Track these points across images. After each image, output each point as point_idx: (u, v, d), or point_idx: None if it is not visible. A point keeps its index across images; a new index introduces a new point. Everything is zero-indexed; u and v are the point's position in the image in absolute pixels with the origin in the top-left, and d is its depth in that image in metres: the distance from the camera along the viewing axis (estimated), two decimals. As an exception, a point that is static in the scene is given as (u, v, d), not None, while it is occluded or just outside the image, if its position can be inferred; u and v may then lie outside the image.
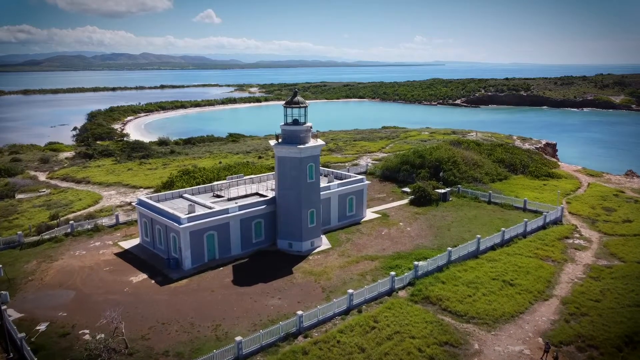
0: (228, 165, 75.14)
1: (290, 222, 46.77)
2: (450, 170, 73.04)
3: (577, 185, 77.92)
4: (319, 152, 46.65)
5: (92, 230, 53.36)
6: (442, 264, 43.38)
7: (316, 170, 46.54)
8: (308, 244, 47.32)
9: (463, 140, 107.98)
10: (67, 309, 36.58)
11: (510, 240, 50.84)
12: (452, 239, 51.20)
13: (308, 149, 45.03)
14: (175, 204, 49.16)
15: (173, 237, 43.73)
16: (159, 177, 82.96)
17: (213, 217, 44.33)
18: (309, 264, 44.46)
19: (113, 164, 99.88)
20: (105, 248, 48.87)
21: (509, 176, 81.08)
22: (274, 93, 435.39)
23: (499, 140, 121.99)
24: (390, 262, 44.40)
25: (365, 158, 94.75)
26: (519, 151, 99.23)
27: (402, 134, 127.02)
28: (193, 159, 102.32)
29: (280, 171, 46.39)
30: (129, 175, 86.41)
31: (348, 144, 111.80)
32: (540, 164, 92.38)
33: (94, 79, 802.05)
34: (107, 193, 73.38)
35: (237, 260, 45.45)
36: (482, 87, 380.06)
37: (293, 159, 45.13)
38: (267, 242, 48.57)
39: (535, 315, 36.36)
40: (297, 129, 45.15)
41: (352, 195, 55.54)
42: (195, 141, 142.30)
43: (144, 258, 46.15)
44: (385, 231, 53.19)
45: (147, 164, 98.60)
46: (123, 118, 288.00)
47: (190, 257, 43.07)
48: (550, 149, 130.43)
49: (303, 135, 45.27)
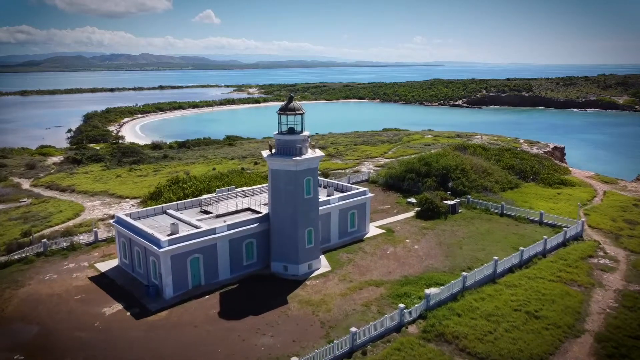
0: (220, 174, 70.16)
1: (285, 242, 41.81)
2: (459, 179, 68.07)
3: (592, 194, 73.03)
4: (317, 164, 41.72)
5: (67, 249, 48.37)
6: (456, 291, 38.44)
7: (314, 184, 41.61)
8: (305, 266, 42.35)
9: (469, 144, 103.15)
10: (25, 350, 31.61)
11: (529, 260, 45.93)
12: (465, 259, 46.28)
13: (305, 161, 40.07)
14: (158, 221, 44.21)
15: (153, 262, 38.81)
16: (149, 185, 78.12)
17: (198, 239, 39.36)
18: (306, 291, 39.50)
19: (102, 170, 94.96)
20: (80, 271, 43.89)
21: (520, 184, 76.13)
22: (273, 94, 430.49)
23: (506, 144, 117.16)
24: (398, 289, 39.45)
25: (367, 164, 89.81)
26: (528, 156, 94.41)
27: (405, 138, 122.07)
28: (186, 165, 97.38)
29: (274, 186, 41.45)
30: (116, 183, 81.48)
31: (349, 148, 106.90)
32: (552, 170, 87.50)
33: (93, 79, 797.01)
34: (90, 204, 68.40)
35: (226, 286, 40.47)
36: (484, 87, 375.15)
37: (288, 172, 40.17)
38: (260, 264, 43.61)
39: (568, 356, 31.41)
40: (293, 139, 40.21)
41: (354, 209, 50.56)
42: (190, 145, 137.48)
43: (122, 283, 41.20)
44: (391, 250, 48.24)
45: (137, 170, 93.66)
46: (119, 120, 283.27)
47: (171, 284, 38.12)
48: (559, 153, 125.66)
49: (299, 146, 40.31)
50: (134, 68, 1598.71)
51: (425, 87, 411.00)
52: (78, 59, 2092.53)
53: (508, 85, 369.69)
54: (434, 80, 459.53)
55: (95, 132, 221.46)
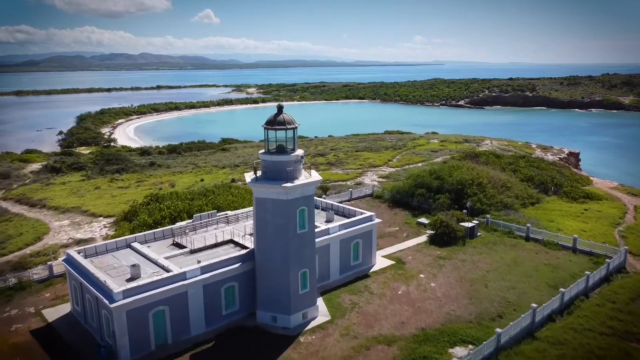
0: (205, 190, 61.95)
1: (274, 287, 33.75)
2: (476, 195, 59.97)
3: (622, 210, 65.09)
4: (313, 191, 33.65)
5: (14, 288, 40.33)
6: (489, 353, 30.48)
7: (310, 215, 33.55)
8: (299, 317, 34.28)
9: (480, 151, 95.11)
10: None
11: (570, 303, 37.98)
12: (493, 301, 38.26)
13: (298, 187, 32.03)
14: (119, 259, 36.14)
15: (105, 316, 30.78)
16: (128, 199, 70.26)
17: (163, 287, 31.30)
18: (299, 353, 31.46)
19: (81, 181, 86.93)
20: (22, 320, 35.81)
21: (542, 199, 68.02)
22: (272, 94, 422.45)
23: (518, 150, 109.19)
24: (415, 349, 31.41)
25: (370, 174, 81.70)
26: (545, 165, 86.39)
27: (409, 143, 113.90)
28: (172, 175, 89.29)
29: (259, 217, 33.38)
30: (93, 197, 73.42)
31: (350, 155, 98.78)
32: (573, 181, 79.58)
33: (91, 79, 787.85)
34: (58, 224, 60.33)
35: (199, 344, 32.37)
36: (486, 87, 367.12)
37: (277, 201, 32.12)
38: (243, 311, 35.51)
39: None
40: (283, 160, 32.15)
41: (359, 238, 42.49)
42: (181, 150, 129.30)
43: (70, 339, 33.11)
44: (403, 289, 40.19)
45: (118, 181, 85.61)
46: (114, 121, 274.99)
47: (128, 346, 30.09)
48: (574, 159, 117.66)
49: (291, 169, 32.23)
50: (133, 68, 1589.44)
51: (426, 87, 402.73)
52: (77, 59, 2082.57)
53: (511, 85, 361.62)
54: (435, 80, 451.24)
55: (87, 134, 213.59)
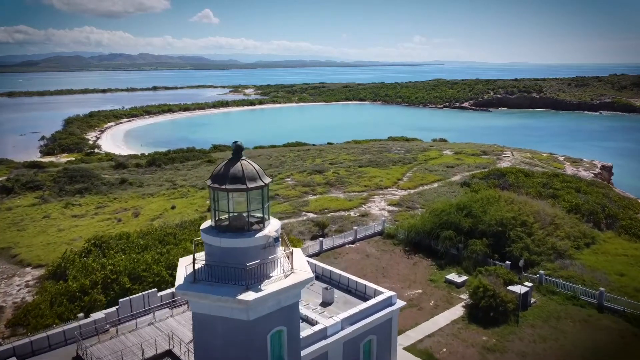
0: (165, 233, 47.17)
1: None
2: (521, 240, 45.53)
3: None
4: (298, 296, 19.03)
5: None
6: None
7: (291, 340, 19.06)
8: None
9: (506, 170, 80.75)
10: None
11: None
12: None
13: (270, 298, 17.55)
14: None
15: None
16: (80, 233, 56.59)
17: None
18: None
19: (32, 205, 72.77)
20: None
21: (597, 237, 53.57)
22: (270, 95, 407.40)
23: (545, 164, 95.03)
24: None
25: (378, 200, 67.28)
26: (585, 186, 71.96)
27: (420, 156, 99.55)
28: (141, 197, 74.87)
29: (201, 343, 18.86)
30: (35, 232, 59.16)
31: (352, 172, 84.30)
32: (625, 208, 65.46)
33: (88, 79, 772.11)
34: (-30, 277, 46.05)
35: None
36: (491, 88, 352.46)
37: (231, 321, 17.68)
38: None
39: None
40: (241, 247, 17.71)
41: (372, 335, 27.91)
42: (161, 162, 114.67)
43: None
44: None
45: (75, 206, 71.34)
46: (102, 124, 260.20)
47: None
48: (607, 173, 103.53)
49: (257, 262, 17.78)
50: (132, 68, 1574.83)
51: (428, 88, 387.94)
52: (76, 59, 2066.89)
53: (517, 87, 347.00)
54: (437, 81, 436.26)
55: (70, 140, 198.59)
